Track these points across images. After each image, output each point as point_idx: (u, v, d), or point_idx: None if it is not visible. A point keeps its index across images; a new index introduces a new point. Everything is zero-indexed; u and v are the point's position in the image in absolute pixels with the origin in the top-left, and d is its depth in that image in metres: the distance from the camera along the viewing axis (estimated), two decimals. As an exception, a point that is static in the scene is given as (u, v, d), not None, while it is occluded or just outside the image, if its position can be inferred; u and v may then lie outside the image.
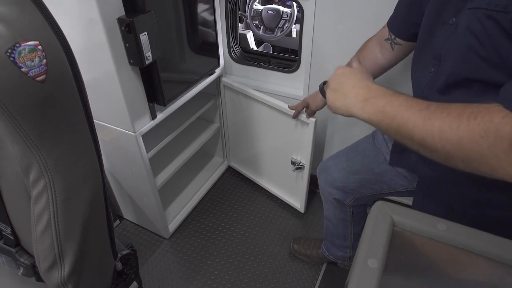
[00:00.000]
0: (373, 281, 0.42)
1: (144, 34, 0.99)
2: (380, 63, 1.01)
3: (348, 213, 1.19)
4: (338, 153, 1.15)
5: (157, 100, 1.20)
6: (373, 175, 1.01)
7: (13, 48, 0.46)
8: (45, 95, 0.51)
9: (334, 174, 1.11)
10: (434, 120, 0.51)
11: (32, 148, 0.54)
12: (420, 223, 0.55)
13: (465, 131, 0.48)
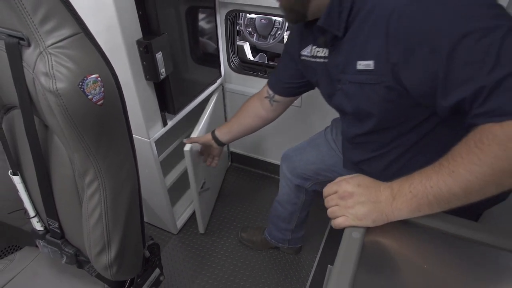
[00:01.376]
0: (356, 247, 0.58)
1: (159, 53, 1.14)
2: (262, 116, 1.22)
3: (301, 198, 1.38)
4: (298, 145, 1.33)
5: (168, 109, 1.35)
6: (326, 166, 1.20)
7: (82, 81, 0.61)
8: (102, 115, 0.66)
9: (295, 163, 1.30)
10: (457, 170, 0.55)
11: (90, 156, 0.68)
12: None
13: (487, 156, 0.52)
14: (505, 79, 0.52)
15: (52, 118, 0.66)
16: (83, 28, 0.65)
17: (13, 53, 0.64)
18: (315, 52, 0.88)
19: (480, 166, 0.53)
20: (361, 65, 0.71)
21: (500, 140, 0.51)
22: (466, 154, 0.55)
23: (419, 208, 0.60)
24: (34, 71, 0.62)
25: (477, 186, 0.54)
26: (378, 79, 0.69)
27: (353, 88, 0.77)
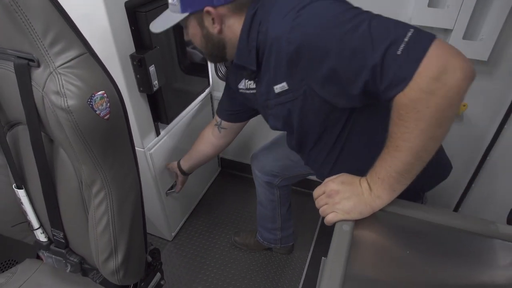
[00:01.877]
0: (347, 239, 0.64)
1: (152, 66, 1.19)
2: (213, 143, 1.34)
3: (276, 194, 1.47)
4: (265, 145, 1.44)
5: (161, 119, 1.39)
6: (291, 162, 1.30)
7: (90, 98, 0.66)
8: (109, 128, 0.71)
9: (263, 162, 1.40)
10: (398, 144, 0.64)
11: (97, 167, 0.73)
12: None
13: (410, 123, 0.61)
14: (386, 52, 0.61)
15: (61, 133, 0.71)
16: (88, 48, 0.70)
17: (22, 73, 0.68)
18: (248, 85, 1.01)
19: (411, 132, 0.62)
20: (278, 89, 0.85)
21: (410, 106, 0.61)
22: (397, 129, 0.64)
23: (392, 187, 0.68)
24: (44, 89, 0.67)
25: (419, 147, 0.63)
26: (294, 95, 0.83)
27: (278, 110, 0.91)
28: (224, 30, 0.86)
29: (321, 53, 0.69)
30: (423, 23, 1.26)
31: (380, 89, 0.65)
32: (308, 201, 1.99)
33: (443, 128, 0.62)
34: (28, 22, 0.61)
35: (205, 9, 0.82)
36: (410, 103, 0.61)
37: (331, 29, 0.67)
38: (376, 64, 0.62)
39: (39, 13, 0.62)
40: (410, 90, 0.60)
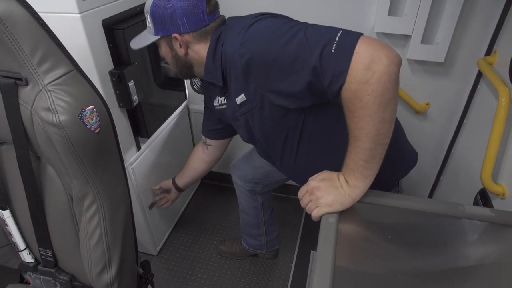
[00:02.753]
0: (333, 230, 0.70)
1: (131, 82, 1.21)
2: (204, 160, 1.41)
3: (258, 201, 1.52)
4: (245, 154, 1.49)
5: (141, 133, 1.41)
6: (272, 167, 1.33)
7: (81, 113, 0.68)
8: (99, 141, 0.73)
9: (244, 170, 1.45)
10: (355, 134, 0.72)
11: (89, 180, 0.75)
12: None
13: (358, 112, 0.69)
14: (322, 52, 0.70)
15: (50, 149, 0.72)
16: (75, 65, 0.73)
17: (9, 92, 0.69)
18: (220, 101, 1.08)
19: (361, 120, 0.70)
20: (239, 100, 0.94)
21: (353, 98, 0.69)
22: (350, 121, 0.73)
23: (363, 175, 0.75)
24: (33, 107, 0.68)
25: (373, 132, 0.70)
26: (252, 105, 0.92)
27: (243, 120, 1.01)
28: (190, 53, 0.98)
29: (268, 62, 0.79)
30: (385, 30, 1.37)
31: (325, 86, 0.73)
32: (288, 205, 2.04)
33: (389, 110, 0.69)
34: (16, 42, 0.63)
35: (173, 35, 0.94)
36: (352, 95, 0.69)
37: (273, 41, 0.78)
38: (316, 65, 0.71)
39: (27, 34, 0.64)
40: (349, 83, 0.69)
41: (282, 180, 1.44)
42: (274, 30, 0.80)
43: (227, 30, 0.92)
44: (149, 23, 0.97)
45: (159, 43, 1.01)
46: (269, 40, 0.79)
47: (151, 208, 1.60)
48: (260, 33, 0.82)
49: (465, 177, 1.39)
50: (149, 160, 1.53)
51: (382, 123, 0.69)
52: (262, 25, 0.83)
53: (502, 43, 1.26)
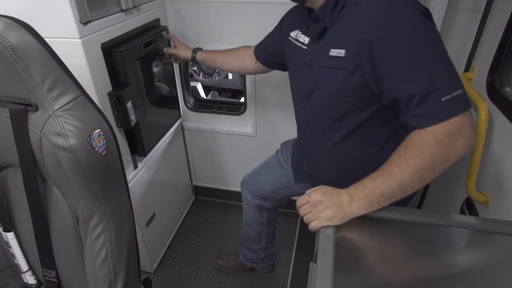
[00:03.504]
0: (331, 242, 0.74)
1: (129, 102, 1.24)
2: (246, 68, 1.38)
3: (265, 217, 1.53)
4: (255, 169, 1.48)
5: (138, 152, 1.43)
6: (281, 184, 1.37)
7: (90, 136, 0.72)
8: (106, 163, 0.76)
9: (253, 186, 1.45)
10: (393, 171, 0.75)
11: (96, 201, 0.77)
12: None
13: (412, 158, 0.73)
14: (435, 91, 0.70)
15: (58, 172, 0.75)
16: (82, 91, 0.76)
17: (18, 118, 0.72)
18: (299, 37, 1.02)
19: (408, 166, 0.74)
20: (334, 52, 0.85)
21: (418, 145, 0.73)
22: (398, 158, 0.76)
23: (371, 204, 0.79)
24: (43, 131, 0.71)
25: (407, 181, 0.75)
26: (345, 65, 0.83)
27: (319, 72, 0.91)
28: None
29: (400, 48, 0.73)
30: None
31: (408, 112, 0.75)
32: (282, 219, 2.07)
33: (431, 175, 0.75)
34: (28, 71, 0.67)
35: None
36: (419, 143, 0.73)
37: (420, 38, 0.73)
38: (422, 93, 0.72)
39: (38, 62, 0.68)
40: (426, 133, 0.72)
41: (291, 195, 1.43)
42: (425, 31, 0.74)
43: None
44: None
45: None
46: (418, 35, 0.73)
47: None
48: (410, 21, 0.74)
49: (451, 187, 1.45)
50: (145, 178, 1.55)
51: (419, 180, 0.75)
52: (417, 17, 0.74)
53: (480, 60, 1.34)
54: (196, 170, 2.17)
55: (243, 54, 1.37)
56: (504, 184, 1.07)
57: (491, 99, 1.18)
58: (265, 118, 1.81)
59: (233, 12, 1.54)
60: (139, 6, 1.33)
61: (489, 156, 1.16)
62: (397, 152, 0.77)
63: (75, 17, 1.02)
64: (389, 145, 0.87)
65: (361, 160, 0.98)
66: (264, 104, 1.76)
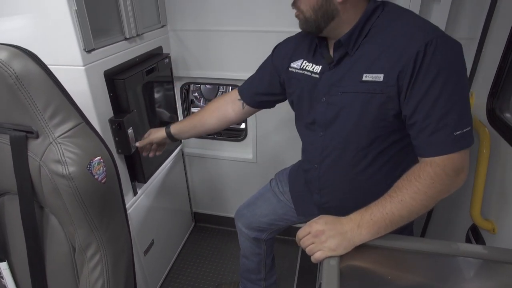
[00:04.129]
0: (335, 272, 0.71)
1: (130, 129, 1.25)
2: (229, 118, 1.25)
3: (262, 248, 1.48)
4: (249, 202, 1.42)
5: (138, 178, 1.42)
6: (278, 216, 1.33)
7: (89, 164, 0.71)
8: (105, 190, 0.75)
9: (249, 219, 1.40)
10: (404, 199, 0.77)
11: (94, 229, 0.76)
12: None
13: (423, 186, 0.77)
14: (447, 124, 0.77)
15: (56, 200, 0.73)
16: (83, 118, 0.76)
17: (18, 144, 0.72)
18: (305, 66, 1.00)
19: (419, 194, 0.77)
20: (369, 77, 0.84)
21: (430, 175, 0.77)
22: (409, 186, 0.78)
23: (378, 231, 0.79)
24: (42, 159, 0.71)
25: (417, 208, 0.78)
26: (382, 90, 0.83)
27: (343, 98, 0.89)
28: (347, 3, 0.85)
29: (437, 79, 0.76)
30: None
31: (422, 137, 0.80)
32: (285, 247, 2.03)
33: (434, 204, 0.80)
34: (30, 98, 0.67)
35: None
36: (431, 173, 0.77)
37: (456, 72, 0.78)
38: (439, 123, 0.77)
39: (41, 90, 0.68)
40: (437, 165, 0.77)
41: (288, 225, 1.40)
42: (461, 67, 0.79)
43: (396, 10, 0.87)
44: None
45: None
46: (453, 71, 0.78)
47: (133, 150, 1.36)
48: (457, 59, 0.79)
49: (456, 214, 1.43)
50: (145, 205, 1.53)
51: (426, 207, 0.79)
52: (459, 51, 0.79)
53: (478, 86, 1.35)
54: (196, 196, 2.14)
55: (222, 106, 1.26)
56: (510, 211, 1.05)
57: (492, 125, 1.18)
58: (265, 144, 1.81)
59: (233, 40, 1.57)
60: (142, 34, 1.36)
61: (493, 182, 1.14)
62: (406, 180, 0.80)
63: (80, 45, 1.04)
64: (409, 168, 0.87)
65: (381, 186, 0.95)
66: (265, 130, 1.77)
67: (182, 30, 1.60)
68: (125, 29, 1.24)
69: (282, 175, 1.36)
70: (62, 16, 0.99)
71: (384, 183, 0.94)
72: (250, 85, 1.21)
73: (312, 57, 0.99)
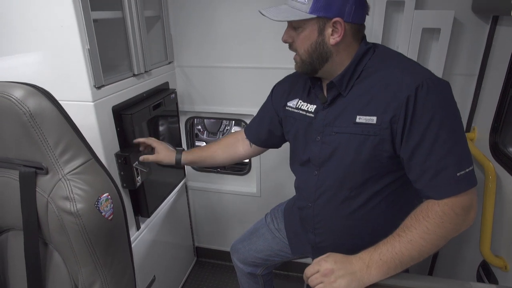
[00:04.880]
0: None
1: (136, 163, 1.25)
2: (239, 155, 1.29)
3: (260, 283, 1.45)
4: (244, 237, 1.41)
5: (142, 213, 1.41)
6: (273, 251, 1.31)
7: (97, 201, 0.71)
8: (111, 227, 0.74)
9: (244, 254, 1.38)
10: (414, 239, 0.76)
11: (98, 267, 0.74)
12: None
13: (433, 227, 0.76)
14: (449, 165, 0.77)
15: (61, 237, 0.73)
16: (93, 154, 0.77)
17: (27, 180, 0.72)
18: (300, 105, 1.02)
19: (430, 234, 0.76)
20: (362, 119, 0.85)
21: (439, 215, 0.76)
22: (418, 225, 0.77)
23: (388, 272, 0.77)
24: (51, 195, 0.71)
25: (427, 249, 0.77)
26: (375, 132, 0.84)
27: (337, 138, 0.91)
28: (341, 45, 0.87)
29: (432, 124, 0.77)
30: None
31: (424, 181, 0.79)
32: (285, 283, 1.97)
33: (444, 243, 0.78)
34: (42, 135, 0.68)
35: (335, 19, 0.83)
36: (440, 212, 0.77)
37: (450, 116, 0.79)
38: (439, 166, 0.77)
39: (53, 127, 0.70)
40: (446, 204, 0.77)
41: (284, 261, 1.38)
42: (454, 110, 0.81)
43: (386, 52, 0.90)
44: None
45: (303, 23, 0.87)
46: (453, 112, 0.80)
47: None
48: (448, 99, 0.81)
49: (465, 250, 1.40)
50: (147, 239, 1.50)
51: (436, 247, 0.78)
52: (450, 95, 0.81)
53: (480, 120, 1.37)
54: (198, 230, 2.11)
55: (233, 143, 1.30)
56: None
57: (496, 159, 1.19)
58: (269, 178, 1.81)
59: (236, 76, 1.61)
60: (150, 71, 1.40)
61: (501, 217, 1.13)
62: (414, 219, 0.79)
63: (90, 81, 1.07)
64: (405, 208, 0.86)
65: (377, 225, 0.96)
66: (269, 164, 1.77)
67: (188, 66, 1.65)
68: (133, 66, 1.28)
69: (277, 211, 1.36)
70: (75, 54, 1.03)
71: (378, 222, 0.96)
72: (253, 125, 1.24)
73: (307, 97, 1.01)
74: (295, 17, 0.85)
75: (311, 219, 1.05)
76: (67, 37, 1.01)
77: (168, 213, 1.69)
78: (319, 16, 0.83)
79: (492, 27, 1.26)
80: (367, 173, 0.90)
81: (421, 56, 1.36)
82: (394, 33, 1.39)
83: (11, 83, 0.69)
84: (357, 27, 0.87)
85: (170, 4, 1.53)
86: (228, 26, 1.53)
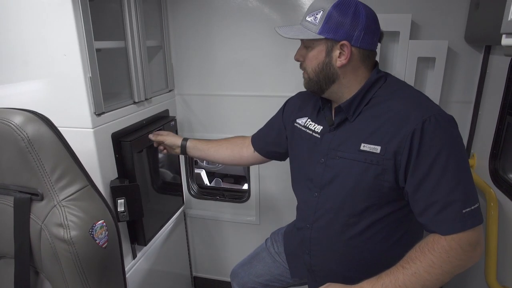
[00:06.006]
0: None
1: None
2: (242, 157, 1.31)
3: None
4: (244, 261, 1.39)
5: (138, 241, 1.38)
6: (273, 276, 1.29)
7: (92, 228, 0.70)
8: (105, 255, 0.73)
9: (244, 279, 1.36)
10: (418, 272, 0.76)
11: (90, 298, 0.72)
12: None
13: (438, 261, 0.75)
14: (455, 202, 0.75)
15: (53, 266, 0.71)
16: (89, 180, 0.77)
17: (22, 207, 0.71)
18: (308, 124, 1.03)
19: (435, 268, 0.75)
20: (366, 147, 0.86)
21: (445, 249, 0.75)
22: (423, 258, 0.76)
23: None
24: (44, 222, 0.70)
25: (432, 283, 0.75)
26: (378, 161, 0.84)
27: (340, 163, 0.91)
28: (347, 68, 0.89)
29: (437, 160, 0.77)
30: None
31: (429, 216, 0.78)
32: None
33: (449, 279, 0.77)
34: (39, 161, 0.68)
35: (343, 42, 0.86)
36: (446, 247, 0.75)
37: (456, 153, 0.79)
38: (444, 202, 0.76)
39: (50, 153, 0.70)
40: (453, 239, 0.76)
41: (284, 286, 1.35)
42: (460, 147, 0.81)
43: (397, 83, 0.92)
44: (317, 19, 0.87)
45: (313, 43, 0.90)
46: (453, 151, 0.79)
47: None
48: (455, 135, 0.81)
49: (469, 279, 1.36)
50: (143, 269, 1.46)
51: (441, 282, 0.77)
52: (456, 132, 0.82)
53: (478, 147, 1.37)
54: (196, 259, 2.05)
55: (240, 143, 1.32)
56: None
57: (496, 186, 1.18)
58: (269, 206, 1.79)
59: (236, 104, 1.64)
60: (150, 98, 1.42)
61: (505, 245, 1.10)
62: (419, 251, 0.78)
63: (90, 108, 1.08)
64: (404, 239, 0.86)
65: (373, 254, 0.94)
66: (268, 192, 1.76)
67: (188, 94, 1.68)
68: (134, 94, 1.30)
69: (278, 235, 1.34)
70: (76, 82, 1.05)
71: (375, 252, 0.94)
72: (260, 133, 1.27)
73: (315, 117, 1.02)
74: (304, 36, 0.89)
75: (308, 241, 1.03)
76: (69, 66, 1.03)
77: (166, 242, 1.66)
78: (327, 37, 0.86)
79: (486, 56, 1.28)
80: (368, 201, 0.89)
81: (417, 84, 1.39)
82: (390, 61, 1.42)
83: (11, 109, 0.69)
84: (366, 52, 0.89)
85: (172, 34, 1.58)
86: (227, 55, 1.57)
